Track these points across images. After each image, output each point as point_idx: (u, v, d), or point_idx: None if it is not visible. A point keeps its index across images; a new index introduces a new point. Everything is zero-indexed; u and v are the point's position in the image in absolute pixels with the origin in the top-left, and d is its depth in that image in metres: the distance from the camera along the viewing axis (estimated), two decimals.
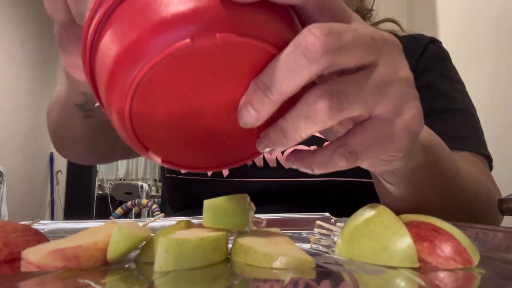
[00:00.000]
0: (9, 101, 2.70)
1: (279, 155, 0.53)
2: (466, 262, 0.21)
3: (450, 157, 0.36)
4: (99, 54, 0.20)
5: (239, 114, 0.21)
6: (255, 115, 0.20)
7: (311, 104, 0.19)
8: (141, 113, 0.19)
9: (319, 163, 0.22)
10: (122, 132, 0.20)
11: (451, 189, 0.35)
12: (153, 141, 0.21)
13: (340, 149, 0.21)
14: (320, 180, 0.50)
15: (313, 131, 0.20)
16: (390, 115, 0.22)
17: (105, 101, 0.20)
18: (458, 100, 0.54)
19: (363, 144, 0.22)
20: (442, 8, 1.49)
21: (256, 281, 0.19)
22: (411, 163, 0.28)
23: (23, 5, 2.83)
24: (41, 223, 0.38)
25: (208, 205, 0.25)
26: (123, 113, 0.19)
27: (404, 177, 0.30)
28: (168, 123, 0.21)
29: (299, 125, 0.20)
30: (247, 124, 0.20)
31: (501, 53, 1.07)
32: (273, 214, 0.41)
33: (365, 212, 0.24)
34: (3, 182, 2.42)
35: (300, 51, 0.18)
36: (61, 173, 3.20)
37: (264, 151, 0.22)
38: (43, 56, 3.06)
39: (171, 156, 0.23)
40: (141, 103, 0.19)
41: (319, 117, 0.19)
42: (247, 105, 0.20)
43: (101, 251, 0.22)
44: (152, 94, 0.19)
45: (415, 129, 0.23)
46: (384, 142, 0.22)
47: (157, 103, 0.20)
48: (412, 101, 0.22)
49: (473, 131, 0.52)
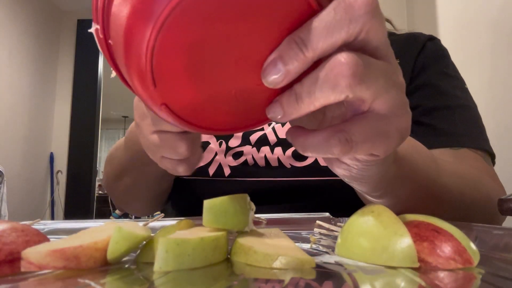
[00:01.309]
0: (9, 101, 2.70)
1: (280, 154, 0.53)
2: (466, 262, 0.21)
3: (428, 163, 0.36)
4: (112, 17, 0.19)
5: (265, 71, 0.20)
6: (283, 72, 0.20)
7: (333, 68, 0.19)
8: (162, 67, 0.19)
9: (313, 144, 0.22)
10: (143, 91, 0.20)
11: (434, 195, 0.36)
12: (173, 98, 0.21)
13: (338, 134, 0.21)
14: (321, 179, 0.50)
15: (326, 100, 0.20)
16: (387, 112, 0.22)
17: (123, 64, 0.20)
18: (457, 96, 0.54)
19: (361, 134, 0.22)
20: (442, 8, 1.49)
21: (256, 281, 0.19)
22: (380, 174, 0.28)
23: (23, 5, 2.82)
24: (41, 223, 0.38)
25: (208, 205, 0.25)
26: (144, 70, 0.19)
27: (383, 190, 0.30)
28: (189, 78, 0.20)
29: (315, 89, 0.20)
30: (272, 82, 0.20)
31: (500, 52, 1.07)
32: (273, 214, 0.41)
33: (365, 212, 0.24)
34: (3, 182, 2.42)
35: (343, 7, 0.19)
36: (61, 173, 3.20)
37: (274, 118, 0.22)
38: (43, 56, 3.06)
39: (189, 115, 0.22)
40: (161, 56, 0.19)
41: (338, 83, 0.19)
42: (276, 61, 0.20)
43: (101, 251, 0.22)
44: (172, 45, 0.18)
45: (404, 133, 0.23)
46: (379, 137, 0.22)
47: (177, 55, 0.19)
48: (406, 107, 0.23)
49: (473, 127, 0.52)
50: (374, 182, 0.29)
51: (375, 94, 0.21)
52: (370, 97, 0.21)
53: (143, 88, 0.20)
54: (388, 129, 0.22)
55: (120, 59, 0.20)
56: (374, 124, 0.22)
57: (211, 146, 0.56)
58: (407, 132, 0.23)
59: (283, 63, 0.20)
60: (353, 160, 0.25)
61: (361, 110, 0.22)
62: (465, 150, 0.49)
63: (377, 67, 0.21)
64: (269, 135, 0.55)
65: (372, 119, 0.22)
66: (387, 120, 0.22)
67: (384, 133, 0.22)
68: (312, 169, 0.51)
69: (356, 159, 0.25)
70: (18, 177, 2.75)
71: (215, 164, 0.55)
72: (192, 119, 0.22)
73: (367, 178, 0.28)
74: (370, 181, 0.29)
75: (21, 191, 2.81)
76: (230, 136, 0.57)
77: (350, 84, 0.19)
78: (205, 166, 0.55)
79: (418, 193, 0.34)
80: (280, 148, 0.53)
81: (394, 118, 0.22)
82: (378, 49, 0.21)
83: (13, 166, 2.67)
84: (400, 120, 0.22)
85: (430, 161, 0.36)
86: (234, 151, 0.55)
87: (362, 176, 0.27)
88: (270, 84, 0.20)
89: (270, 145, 0.54)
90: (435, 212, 0.35)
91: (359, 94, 0.20)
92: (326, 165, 0.28)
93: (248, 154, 0.54)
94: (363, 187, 0.30)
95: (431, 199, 0.36)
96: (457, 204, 0.38)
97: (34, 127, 2.98)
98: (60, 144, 3.20)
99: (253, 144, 0.55)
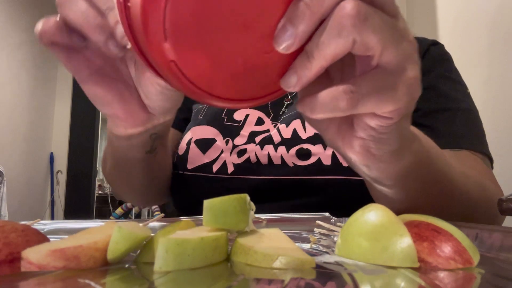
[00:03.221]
0: (9, 101, 2.70)
1: (284, 152, 0.53)
2: (466, 262, 0.21)
3: (442, 158, 0.36)
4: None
5: (276, 37, 0.21)
6: (294, 34, 0.21)
7: (338, 12, 0.20)
8: (174, 23, 0.20)
9: (320, 102, 0.22)
10: (154, 47, 0.20)
11: (444, 191, 0.36)
12: (182, 57, 0.21)
13: (343, 87, 0.21)
14: (323, 179, 0.50)
15: (336, 49, 0.21)
16: (395, 68, 0.22)
17: (140, 21, 0.20)
18: (458, 100, 0.54)
19: (367, 87, 0.22)
20: (442, 9, 1.49)
21: (256, 281, 0.19)
22: (402, 161, 0.28)
23: (23, 5, 2.83)
24: (41, 223, 0.38)
25: (208, 205, 0.25)
26: (157, 24, 0.19)
27: (397, 179, 0.30)
28: (198, 39, 0.21)
29: (323, 39, 0.20)
30: (285, 46, 0.21)
31: (498, 53, 1.07)
32: (273, 214, 0.41)
33: (365, 212, 0.24)
34: (3, 182, 2.42)
35: None
36: (61, 173, 3.20)
37: (288, 85, 0.23)
38: (43, 56, 3.06)
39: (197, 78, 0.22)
40: (174, 12, 0.19)
41: (344, 24, 0.20)
42: (286, 25, 0.21)
43: (101, 251, 0.22)
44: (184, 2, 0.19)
45: (414, 90, 0.23)
46: (387, 92, 0.22)
47: (188, 14, 0.20)
48: (415, 64, 0.23)
49: (474, 130, 0.52)
50: (392, 164, 0.29)
51: (382, 42, 0.21)
52: (378, 45, 0.21)
53: (154, 43, 0.20)
54: (395, 83, 0.22)
55: (137, 19, 0.20)
56: (381, 77, 0.22)
57: (218, 143, 0.56)
58: (417, 90, 0.23)
59: (292, 25, 0.21)
60: (367, 129, 0.25)
61: (370, 67, 0.22)
62: (465, 152, 0.49)
63: (383, 17, 0.21)
64: (274, 135, 0.55)
65: (380, 73, 0.22)
66: (395, 74, 0.22)
67: (391, 86, 0.22)
68: (314, 168, 0.51)
69: (370, 127, 0.25)
70: (18, 177, 2.75)
71: (220, 161, 0.55)
72: (200, 83, 0.22)
73: (385, 158, 0.27)
74: (392, 173, 0.28)
75: (21, 191, 2.81)
76: (236, 134, 0.57)
77: (355, 23, 0.20)
78: (210, 163, 0.55)
79: (429, 188, 0.34)
80: (283, 147, 0.53)
81: (402, 73, 0.22)
82: (385, 5, 0.21)
83: (13, 166, 2.67)
84: (408, 75, 0.22)
85: (441, 155, 0.36)
86: (239, 149, 0.55)
87: (380, 155, 0.27)
88: (283, 49, 0.21)
89: (274, 144, 0.54)
90: (444, 210, 0.35)
91: (365, 38, 0.20)
92: (330, 164, 0.28)
93: (251, 152, 0.54)
94: (380, 171, 0.29)
95: (439, 195, 0.35)
96: (465, 203, 0.38)
97: (34, 127, 2.98)
98: (60, 144, 3.21)
99: (257, 142, 0.55)
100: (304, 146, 0.52)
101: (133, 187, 0.55)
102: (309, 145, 0.52)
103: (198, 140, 0.57)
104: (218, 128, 0.58)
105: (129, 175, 0.50)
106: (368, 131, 0.25)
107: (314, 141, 0.52)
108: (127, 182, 0.53)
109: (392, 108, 0.23)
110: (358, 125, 0.26)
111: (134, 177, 0.51)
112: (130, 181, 0.53)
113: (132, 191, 0.57)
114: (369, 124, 0.25)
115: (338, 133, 0.28)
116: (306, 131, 0.54)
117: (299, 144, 0.53)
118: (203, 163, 0.55)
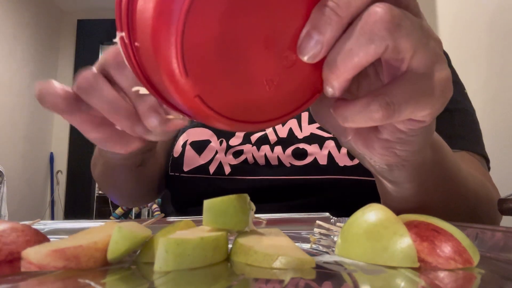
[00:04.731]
0: (9, 101, 2.70)
1: (280, 153, 0.53)
2: (466, 262, 0.21)
3: (453, 157, 0.35)
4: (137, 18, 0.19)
5: (301, 46, 0.20)
6: (320, 41, 0.19)
7: (370, 16, 0.19)
8: (192, 56, 0.19)
9: (354, 112, 0.21)
10: (175, 85, 0.19)
11: (454, 189, 0.35)
12: (206, 89, 0.20)
13: (378, 98, 0.20)
14: (321, 178, 0.50)
15: (366, 55, 0.19)
16: (426, 70, 0.21)
17: (154, 60, 0.19)
18: (456, 100, 0.54)
19: (402, 95, 0.20)
20: (442, 9, 1.49)
21: (256, 281, 0.19)
22: (421, 156, 0.27)
23: (23, 5, 2.82)
24: (41, 223, 0.38)
25: (208, 205, 0.25)
26: (175, 60, 0.18)
27: (413, 174, 0.29)
28: (220, 67, 0.20)
29: (351, 46, 0.19)
30: (311, 55, 0.20)
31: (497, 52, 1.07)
32: (273, 214, 0.41)
33: (365, 212, 0.24)
34: (3, 182, 2.42)
35: None
36: (61, 173, 3.20)
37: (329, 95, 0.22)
38: (43, 56, 3.06)
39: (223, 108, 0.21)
40: (191, 44, 0.18)
41: (377, 29, 0.19)
42: (311, 32, 0.19)
43: (101, 251, 0.22)
44: (200, 32, 0.18)
45: (446, 91, 0.22)
46: (423, 96, 0.21)
47: (206, 44, 0.19)
48: (444, 63, 0.22)
49: (471, 131, 0.52)
50: (412, 168, 0.27)
51: (414, 45, 0.20)
52: (410, 49, 0.20)
53: (174, 81, 0.19)
54: (429, 86, 0.21)
55: (149, 59, 0.20)
56: (415, 82, 0.21)
57: (212, 144, 0.56)
58: (450, 90, 0.22)
59: (318, 32, 0.19)
60: (395, 132, 0.24)
61: (399, 71, 0.21)
62: (463, 153, 0.49)
63: (412, 19, 0.20)
64: (269, 134, 0.55)
65: (412, 78, 0.21)
66: (428, 76, 0.21)
67: (426, 90, 0.21)
68: (311, 168, 0.51)
69: (400, 131, 0.24)
70: (18, 177, 2.75)
71: (215, 162, 0.55)
72: (226, 112, 0.21)
73: (409, 158, 0.26)
74: (410, 168, 0.27)
75: (21, 191, 2.81)
76: (232, 135, 0.57)
77: (389, 29, 0.19)
78: (206, 164, 0.55)
79: (439, 186, 0.33)
80: (280, 147, 0.53)
81: (434, 74, 0.21)
82: (410, 5, 0.21)
83: (13, 166, 2.67)
84: (440, 76, 0.21)
85: (451, 152, 0.35)
86: (235, 149, 0.55)
87: (405, 155, 0.26)
88: (309, 59, 0.20)
89: (270, 144, 0.54)
90: (451, 209, 0.35)
91: (399, 43, 0.19)
92: (326, 163, 0.28)
93: (248, 153, 0.54)
94: (400, 170, 0.28)
95: (449, 193, 0.35)
96: (472, 202, 0.38)
97: (34, 127, 2.97)
98: (60, 144, 3.20)
99: (253, 143, 0.55)
100: (300, 146, 0.52)
101: (122, 192, 0.56)
102: (305, 145, 0.52)
103: (193, 142, 0.57)
104: (213, 129, 0.58)
105: (118, 181, 0.51)
106: (397, 134, 0.24)
107: (310, 141, 0.52)
108: (115, 187, 0.55)
109: (428, 112, 0.22)
110: (386, 128, 0.24)
111: (123, 184, 0.52)
112: (119, 187, 0.54)
113: (121, 196, 0.58)
114: (399, 128, 0.24)
115: (358, 135, 0.26)
116: (302, 130, 0.54)
117: (295, 144, 0.53)
118: (199, 165, 0.55)
